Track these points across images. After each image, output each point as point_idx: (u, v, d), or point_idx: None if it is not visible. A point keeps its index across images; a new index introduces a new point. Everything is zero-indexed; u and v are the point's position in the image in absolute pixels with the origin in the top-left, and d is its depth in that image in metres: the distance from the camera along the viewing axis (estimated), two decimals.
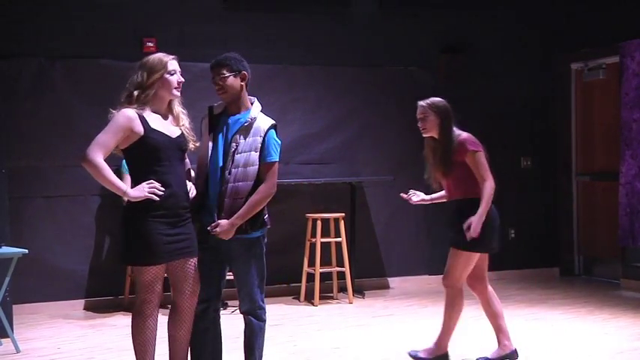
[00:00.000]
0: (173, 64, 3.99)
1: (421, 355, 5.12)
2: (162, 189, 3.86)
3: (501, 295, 7.26)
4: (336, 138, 7.90)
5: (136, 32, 7.22)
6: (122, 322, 6.55)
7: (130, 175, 3.99)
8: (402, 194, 5.25)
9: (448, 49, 8.23)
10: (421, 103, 5.16)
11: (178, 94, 4.02)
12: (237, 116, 4.10)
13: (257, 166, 4.03)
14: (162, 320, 4.08)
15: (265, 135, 4.06)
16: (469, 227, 4.77)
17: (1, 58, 6.65)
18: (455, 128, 5.05)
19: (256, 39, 7.52)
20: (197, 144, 4.12)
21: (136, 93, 3.90)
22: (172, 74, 3.96)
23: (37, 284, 6.91)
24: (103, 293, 7.15)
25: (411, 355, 5.15)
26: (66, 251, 7.06)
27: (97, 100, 7.02)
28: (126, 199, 3.91)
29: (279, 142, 4.14)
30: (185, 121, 4.08)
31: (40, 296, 6.93)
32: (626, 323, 6.30)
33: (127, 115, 3.87)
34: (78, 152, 6.77)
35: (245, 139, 4.05)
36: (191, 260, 4.03)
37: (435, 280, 5.72)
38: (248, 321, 4.18)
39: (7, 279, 5.62)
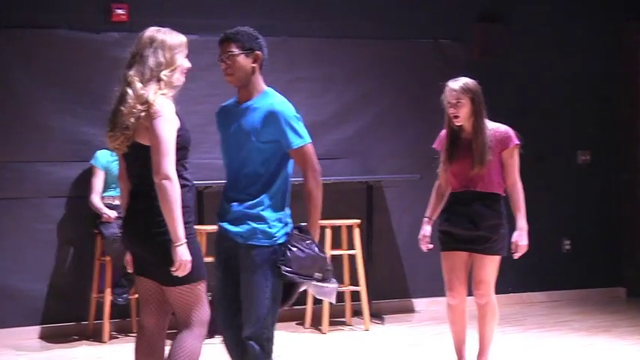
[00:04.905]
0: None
1: None
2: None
3: (555, 321, 7.62)
4: (348, 127, 7.84)
5: None
6: (85, 352, 6.56)
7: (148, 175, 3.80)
8: (423, 247, 5.59)
9: (485, 17, 8.16)
10: (452, 85, 5.35)
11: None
12: (248, 103, 4.12)
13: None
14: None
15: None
16: (516, 246, 5.35)
17: None
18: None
19: (248, 6, 7.43)
20: None
21: (164, 75, 3.81)
22: (186, 56, 3.96)
23: None
24: (64, 319, 7.10)
25: None
26: (17, 267, 6.98)
27: (53, 81, 7.07)
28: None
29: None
30: None
31: None
32: None
33: (173, 108, 3.82)
34: (33, 145, 6.96)
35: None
36: None
37: (470, 302, 5.60)
38: (249, 349, 4.04)
39: None
